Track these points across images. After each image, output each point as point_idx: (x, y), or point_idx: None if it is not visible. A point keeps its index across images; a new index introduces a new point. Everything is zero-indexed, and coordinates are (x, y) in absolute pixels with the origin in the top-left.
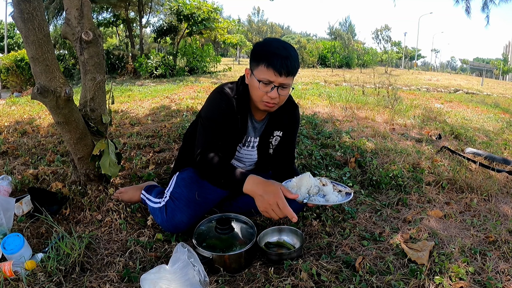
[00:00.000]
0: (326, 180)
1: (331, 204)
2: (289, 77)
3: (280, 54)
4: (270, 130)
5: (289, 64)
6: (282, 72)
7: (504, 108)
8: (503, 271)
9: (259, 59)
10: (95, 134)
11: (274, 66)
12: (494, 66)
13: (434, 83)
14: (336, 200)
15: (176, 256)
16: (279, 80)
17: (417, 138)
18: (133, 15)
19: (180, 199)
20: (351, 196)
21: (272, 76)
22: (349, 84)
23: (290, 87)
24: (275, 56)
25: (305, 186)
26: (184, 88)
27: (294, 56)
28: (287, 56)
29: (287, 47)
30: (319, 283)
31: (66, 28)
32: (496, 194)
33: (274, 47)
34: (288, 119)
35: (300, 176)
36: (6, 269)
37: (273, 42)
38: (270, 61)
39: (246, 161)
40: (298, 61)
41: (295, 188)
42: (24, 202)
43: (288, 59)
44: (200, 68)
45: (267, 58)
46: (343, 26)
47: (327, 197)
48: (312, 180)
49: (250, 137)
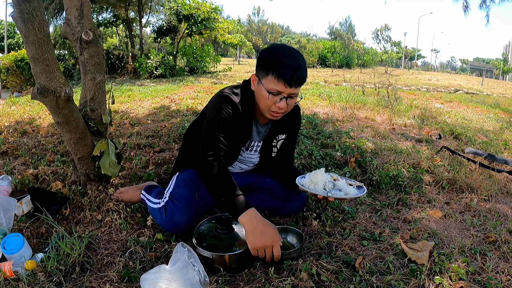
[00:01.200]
0: (336, 175)
1: (352, 197)
2: (298, 87)
3: (290, 65)
4: (274, 134)
5: (299, 74)
6: (292, 83)
7: (504, 108)
8: (503, 271)
9: (267, 68)
10: (95, 134)
11: (284, 78)
12: (494, 66)
13: (434, 83)
14: (354, 193)
15: (176, 256)
16: (289, 91)
17: (417, 138)
18: (133, 15)
19: (179, 199)
20: (365, 189)
21: (282, 87)
22: (349, 84)
23: (297, 97)
24: (285, 67)
25: (322, 182)
26: (184, 88)
27: (303, 66)
28: (297, 67)
29: (296, 56)
30: (319, 283)
31: (66, 28)
32: (496, 194)
33: (283, 56)
34: (291, 122)
35: (314, 172)
36: (6, 269)
37: (281, 50)
38: (280, 72)
39: (247, 162)
40: (306, 70)
41: (311, 184)
42: (24, 202)
43: (298, 70)
44: (200, 68)
45: (277, 69)
46: (343, 26)
47: (344, 191)
48: (326, 176)
49: (254, 141)
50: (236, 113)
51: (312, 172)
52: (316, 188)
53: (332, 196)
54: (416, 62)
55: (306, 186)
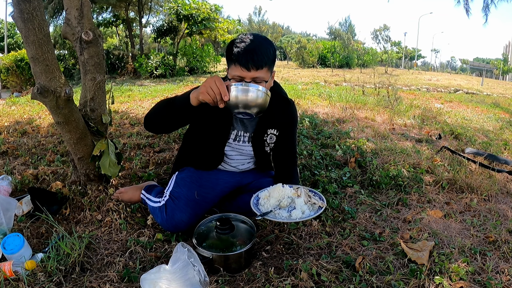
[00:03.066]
0: (303, 190)
1: (290, 221)
2: (259, 70)
3: (245, 49)
4: (264, 128)
5: (255, 57)
6: (249, 66)
7: (504, 108)
8: (503, 271)
9: (229, 57)
10: (95, 134)
11: (240, 62)
12: (494, 66)
13: (434, 83)
14: (297, 217)
15: (176, 256)
16: (250, 75)
17: (417, 138)
18: (133, 15)
19: (179, 198)
20: (319, 212)
21: (242, 72)
22: (349, 84)
23: (267, 81)
24: (240, 52)
25: (275, 198)
26: (184, 88)
27: (261, 48)
28: (253, 49)
29: (254, 40)
30: (319, 283)
31: (66, 28)
32: (496, 194)
33: (241, 42)
34: (282, 116)
35: (273, 187)
36: (6, 269)
37: (242, 37)
38: (236, 58)
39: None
40: (268, 52)
41: (266, 198)
42: (24, 202)
43: (254, 52)
44: (200, 68)
45: (234, 55)
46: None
47: (294, 211)
48: (286, 191)
49: (239, 131)
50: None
51: (272, 186)
52: (266, 204)
53: (268, 218)
54: (416, 62)
55: (261, 199)
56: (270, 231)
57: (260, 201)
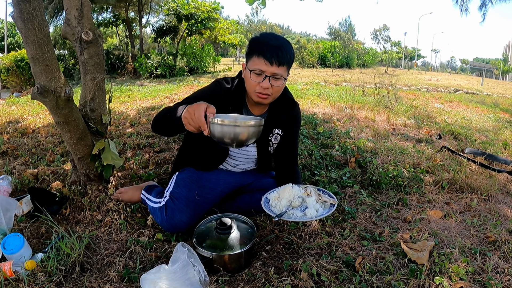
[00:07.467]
0: (312, 189)
1: (308, 220)
2: (280, 67)
3: (271, 44)
4: (270, 128)
5: (280, 54)
6: (273, 61)
7: (504, 108)
8: (503, 271)
9: (251, 51)
10: (95, 134)
11: (264, 55)
12: (494, 66)
13: (434, 83)
14: (313, 216)
15: (176, 256)
16: (271, 69)
17: (417, 138)
18: (133, 15)
19: (179, 198)
20: (332, 209)
21: (263, 66)
22: (349, 84)
23: (283, 79)
24: (266, 46)
25: (286, 198)
26: (184, 88)
27: (286, 47)
28: (278, 46)
29: (278, 38)
30: (319, 283)
31: (66, 28)
32: (496, 194)
33: (266, 38)
34: (287, 116)
35: (283, 187)
36: (6, 269)
37: (266, 34)
38: (261, 51)
39: (242, 157)
40: (291, 52)
41: (277, 199)
42: (24, 202)
43: (279, 49)
44: (200, 68)
45: (259, 48)
46: (343, 26)
47: (307, 210)
48: (295, 191)
49: None
50: (218, 94)
51: (281, 187)
52: (278, 204)
53: (284, 218)
54: (416, 62)
55: (271, 201)
56: (270, 231)
57: (271, 202)
